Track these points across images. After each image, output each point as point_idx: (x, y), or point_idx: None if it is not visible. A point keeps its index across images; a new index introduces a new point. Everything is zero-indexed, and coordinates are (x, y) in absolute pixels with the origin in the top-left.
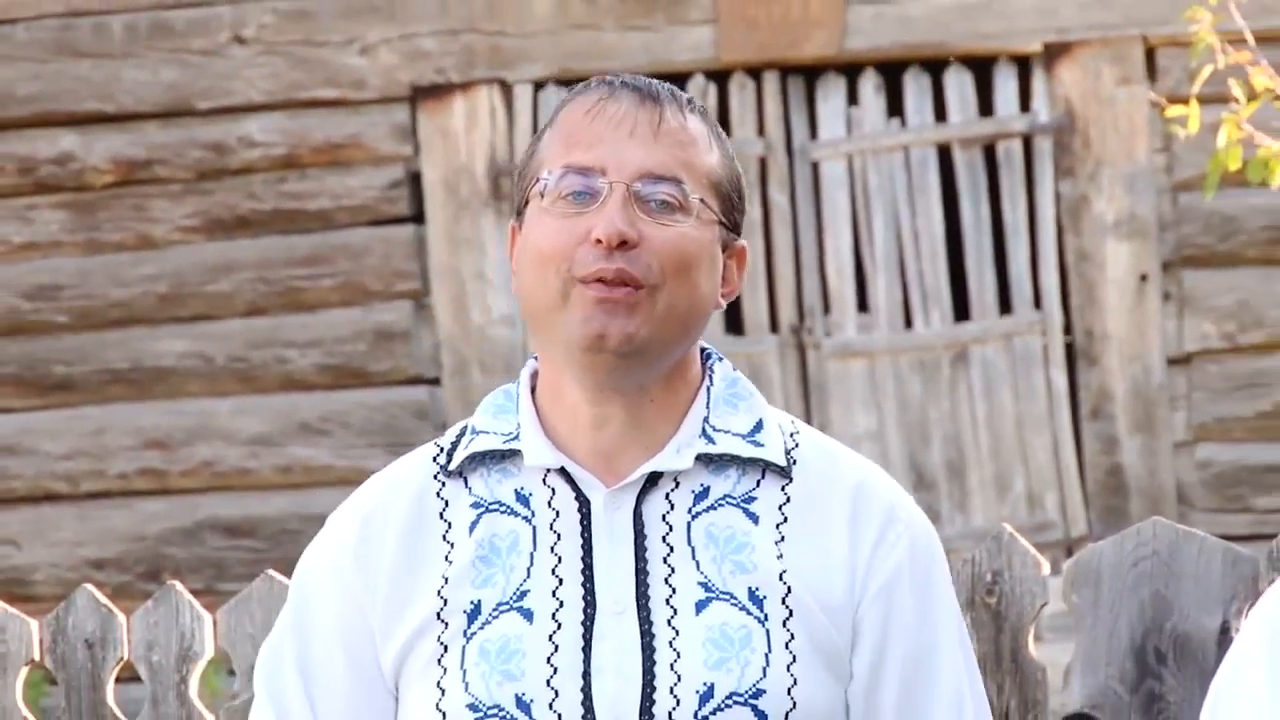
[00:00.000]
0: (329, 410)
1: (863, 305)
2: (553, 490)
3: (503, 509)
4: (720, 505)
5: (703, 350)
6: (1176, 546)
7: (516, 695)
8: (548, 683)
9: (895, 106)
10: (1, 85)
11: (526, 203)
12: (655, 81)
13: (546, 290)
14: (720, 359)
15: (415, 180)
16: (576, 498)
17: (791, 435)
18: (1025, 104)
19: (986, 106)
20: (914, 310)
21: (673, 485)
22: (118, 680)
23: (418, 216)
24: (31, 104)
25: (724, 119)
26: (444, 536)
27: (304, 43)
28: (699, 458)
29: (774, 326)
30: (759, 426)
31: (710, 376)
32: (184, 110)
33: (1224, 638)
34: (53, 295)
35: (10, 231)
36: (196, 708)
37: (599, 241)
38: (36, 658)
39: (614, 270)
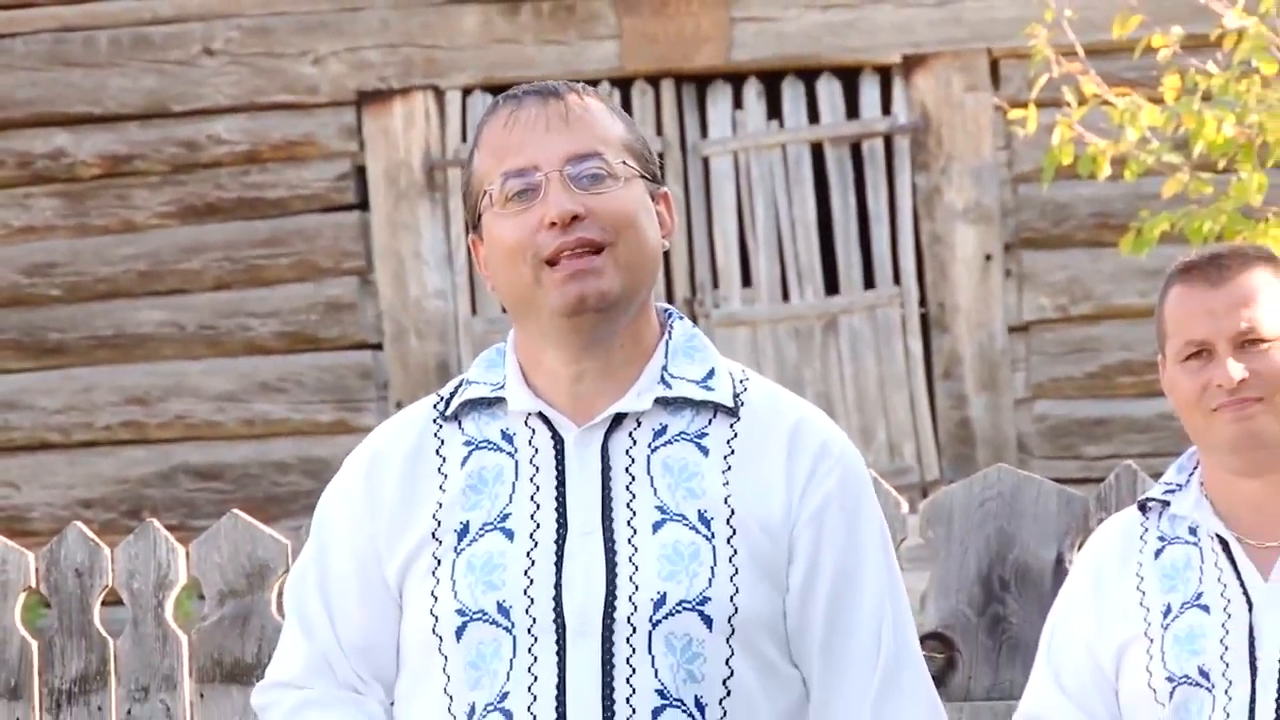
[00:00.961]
0: (286, 371)
1: (746, 281)
2: (533, 430)
3: (490, 446)
4: (676, 441)
5: (666, 311)
6: (1017, 489)
7: (498, 602)
8: (525, 591)
9: (774, 110)
10: (2, 91)
11: (480, 216)
12: (551, 82)
13: (520, 278)
14: (680, 318)
15: (360, 173)
16: (553, 437)
17: (741, 382)
18: (886, 108)
19: (853, 110)
20: (790, 285)
21: (635, 425)
22: (103, 604)
23: (362, 204)
24: (28, 107)
25: None
26: (439, 469)
27: (264, 54)
28: (658, 400)
29: (670, 298)
30: (711, 374)
31: (670, 332)
32: (161, 112)
33: (1059, 568)
34: (47, 272)
35: (10, 217)
36: (171, 628)
37: (553, 224)
38: (33, 585)
39: (574, 240)
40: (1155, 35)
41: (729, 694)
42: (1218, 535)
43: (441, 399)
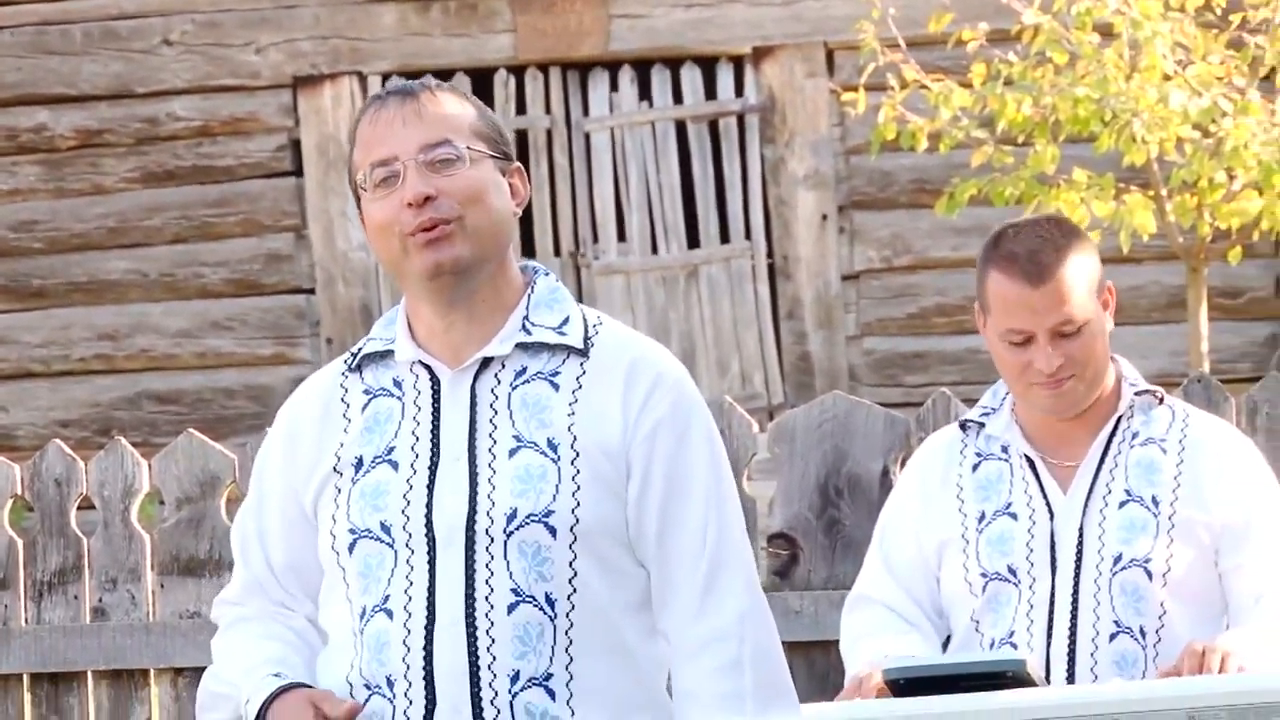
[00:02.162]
0: (233, 312)
1: (622, 236)
2: (416, 376)
3: (384, 393)
4: (532, 380)
5: (533, 269)
6: (849, 412)
7: (381, 522)
8: (402, 511)
9: (645, 93)
10: None
11: (359, 198)
12: (410, 81)
13: (391, 250)
14: (546, 274)
15: (296, 145)
16: (431, 380)
17: (594, 326)
18: (739, 91)
19: (711, 93)
20: (659, 240)
21: (500, 367)
22: (78, 509)
23: (298, 171)
24: (15, 89)
25: (521, 102)
26: (344, 415)
27: (214, 44)
28: (519, 345)
29: (557, 251)
30: (566, 321)
31: (533, 287)
32: (126, 93)
33: (885, 479)
34: (30, 228)
35: None
36: (136, 529)
37: (410, 204)
38: (19, 492)
39: (428, 219)
40: (965, 30)
41: (574, 590)
42: (1026, 455)
43: (351, 355)
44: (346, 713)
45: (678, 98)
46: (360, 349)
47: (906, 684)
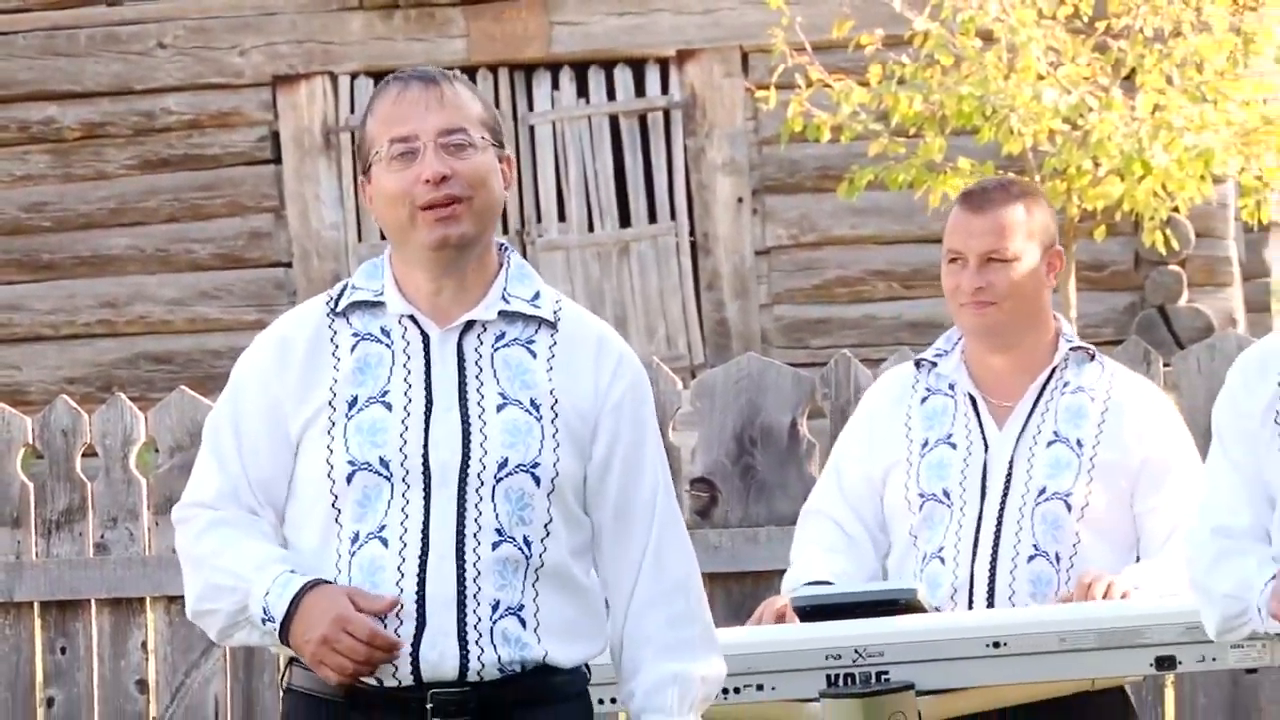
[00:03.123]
0: (220, 283)
1: (562, 217)
2: (405, 328)
3: (373, 339)
4: (511, 345)
5: (501, 245)
6: (762, 372)
7: (380, 457)
8: (400, 449)
9: (582, 90)
10: (8, 74)
11: (370, 166)
12: (431, 69)
13: (399, 217)
14: (512, 251)
15: (275, 137)
16: (421, 335)
17: (557, 302)
18: (665, 89)
19: (640, 91)
20: (594, 220)
21: (482, 329)
22: (83, 456)
23: (277, 159)
24: (26, 86)
25: None
26: (333, 354)
27: (203, 47)
28: (500, 313)
29: (505, 229)
30: (537, 295)
31: (508, 262)
32: (126, 90)
33: (793, 429)
34: (40, 209)
35: (12, 169)
36: (134, 474)
37: (428, 181)
38: (30, 441)
39: (444, 196)
40: (863, 35)
41: (547, 534)
42: (969, 393)
43: (331, 298)
44: (386, 605)
45: (611, 95)
46: (341, 294)
47: (812, 610)
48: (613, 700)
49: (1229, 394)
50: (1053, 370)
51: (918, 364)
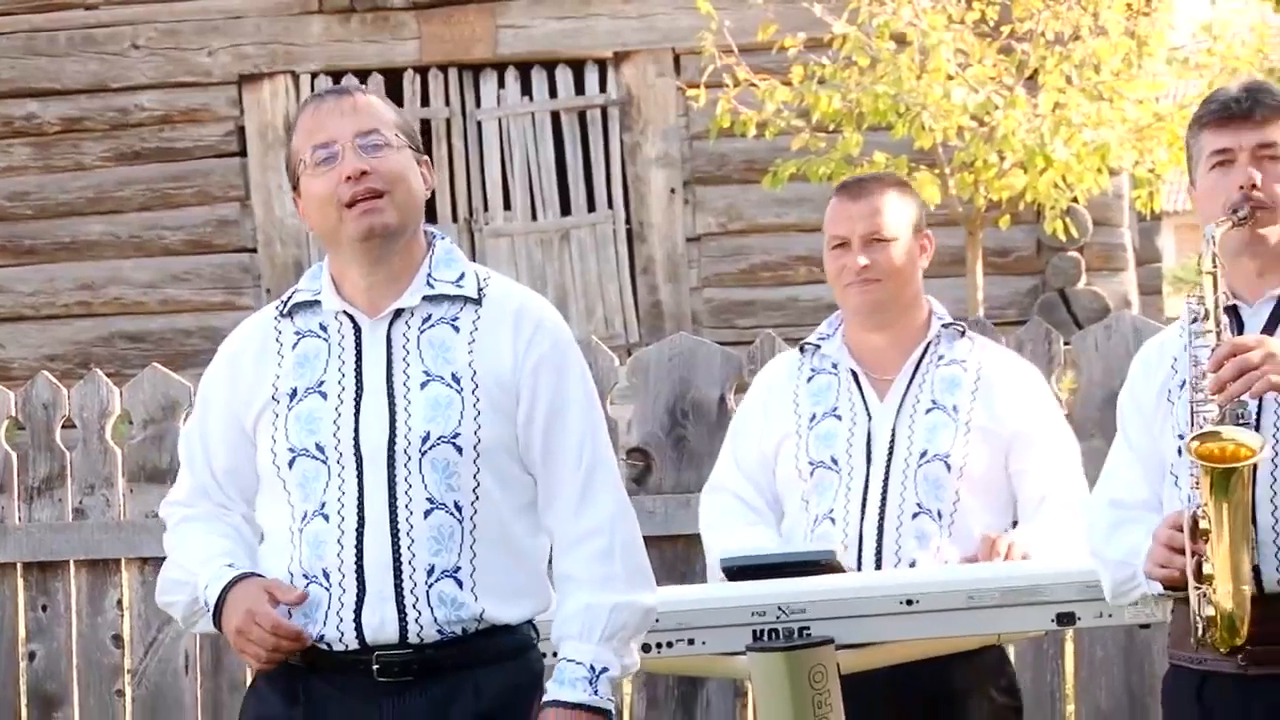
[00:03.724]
0: (190, 267)
1: (507, 206)
2: (340, 323)
3: (312, 334)
4: (437, 325)
5: (432, 234)
6: (693, 350)
7: (316, 443)
8: (334, 434)
9: (526, 89)
10: None
11: (298, 178)
12: (344, 84)
13: (328, 219)
14: (442, 238)
15: (241, 131)
16: (354, 327)
17: (485, 280)
18: (603, 88)
19: (580, 89)
20: (537, 209)
21: (410, 315)
22: (62, 428)
23: (242, 152)
24: (9, 84)
25: (425, 96)
26: (278, 352)
27: (174, 48)
28: (425, 297)
29: (454, 218)
30: (462, 276)
31: (434, 249)
32: (102, 88)
33: (721, 403)
34: (22, 198)
35: None
36: (110, 444)
37: (349, 178)
38: (13, 414)
39: (364, 189)
40: (786, 38)
41: (477, 498)
42: (851, 369)
43: (282, 303)
44: (296, 598)
45: (553, 93)
46: (290, 299)
47: (739, 570)
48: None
49: (1130, 382)
50: (927, 345)
51: (802, 348)
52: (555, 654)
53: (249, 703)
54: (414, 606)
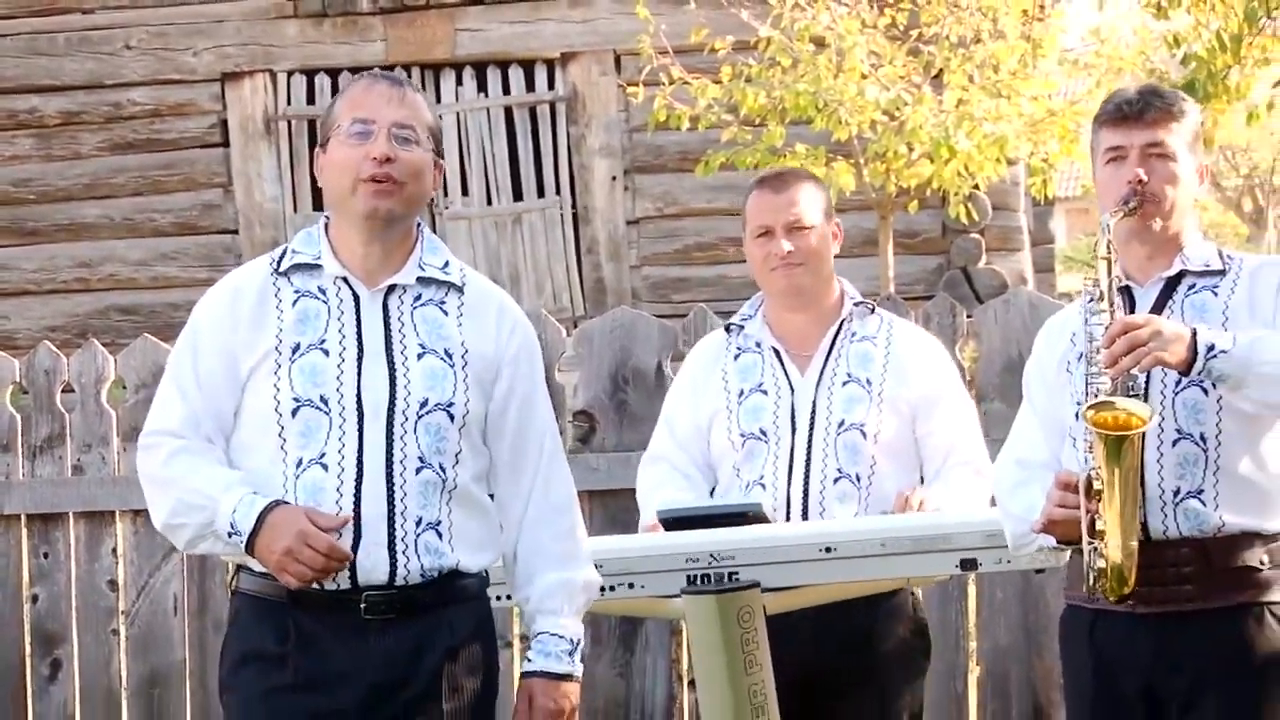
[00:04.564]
0: (178, 247)
1: (465, 191)
2: (339, 288)
3: (311, 295)
4: (427, 304)
5: (418, 224)
6: (633, 322)
7: (320, 395)
8: (338, 389)
9: (482, 86)
10: None
11: (328, 139)
12: (398, 74)
13: (343, 185)
14: (425, 227)
15: (224, 124)
16: (353, 294)
17: (462, 270)
18: (551, 85)
19: (530, 86)
20: (492, 195)
21: (403, 291)
22: (62, 392)
23: (225, 143)
24: (13, 81)
25: None
26: (277, 307)
27: (163, 49)
28: (417, 278)
29: None
30: (447, 264)
31: (422, 237)
32: (98, 85)
33: (659, 371)
34: (25, 185)
35: (1, 150)
36: (105, 407)
37: (375, 159)
38: (18, 380)
39: (384, 173)
40: (716, 41)
41: (458, 462)
42: (774, 347)
43: (274, 260)
44: (340, 522)
45: (506, 90)
46: (282, 257)
47: (674, 521)
48: (507, 597)
49: (1035, 354)
50: (841, 323)
51: (727, 329)
52: (525, 618)
53: (231, 637)
54: (403, 553)
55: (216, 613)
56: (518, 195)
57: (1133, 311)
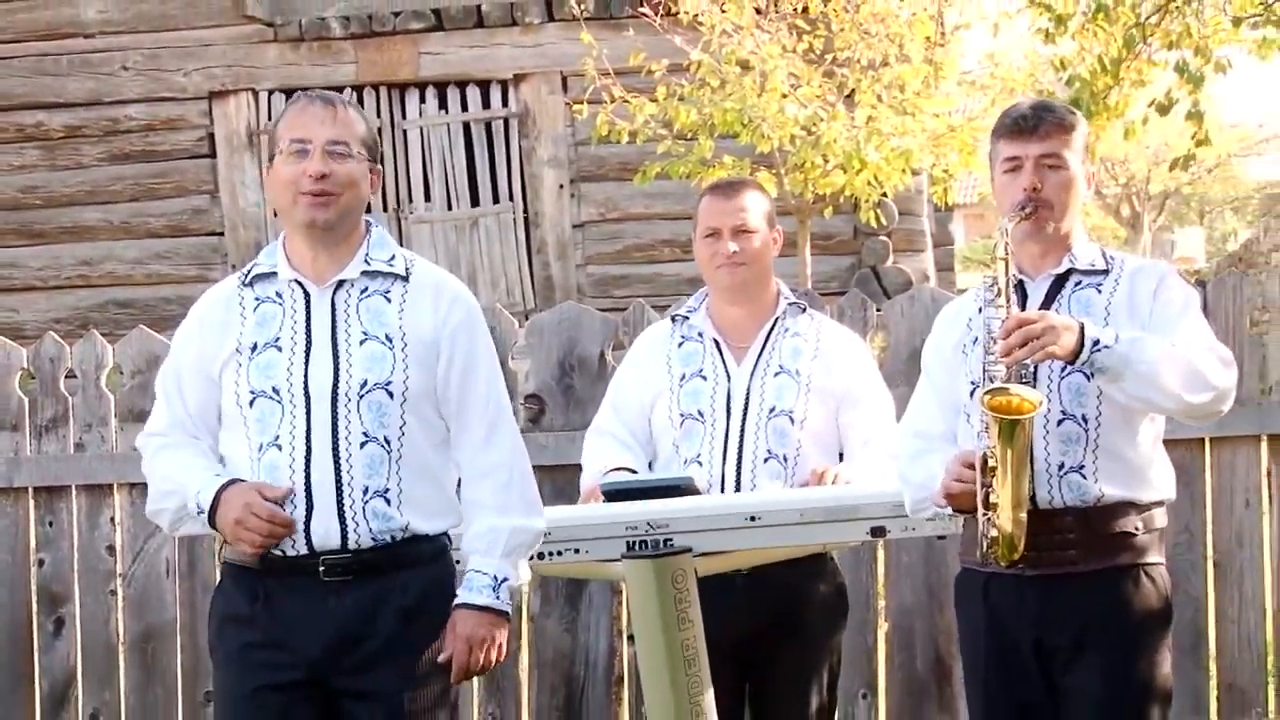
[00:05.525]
0: (170, 247)
1: (427, 198)
2: (292, 290)
3: (269, 300)
4: (373, 295)
5: (369, 222)
6: (578, 315)
7: (272, 386)
8: (287, 379)
9: (443, 104)
10: (7, 88)
11: (273, 157)
12: (332, 94)
13: (285, 199)
14: (377, 225)
15: (211, 137)
16: (304, 293)
17: (410, 261)
18: (505, 103)
19: (487, 104)
20: (452, 201)
21: (350, 286)
22: (66, 378)
23: (213, 154)
24: (22, 98)
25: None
26: (241, 315)
27: (157, 69)
28: (363, 272)
29: (385, 208)
30: (393, 257)
31: (370, 234)
32: (98, 102)
33: (601, 358)
34: (32, 191)
35: (11, 160)
36: (105, 391)
37: (311, 175)
38: (25, 366)
39: (319, 189)
40: (653, 64)
41: (403, 435)
42: (714, 338)
43: (244, 274)
44: (283, 493)
45: (464, 108)
46: (250, 271)
47: (615, 493)
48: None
49: (933, 336)
50: (776, 319)
51: (674, 319)
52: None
53: (217, 601)
54: (352, 519)
55: (204, 575)
56: (475, 202)
57: (1025, 303)
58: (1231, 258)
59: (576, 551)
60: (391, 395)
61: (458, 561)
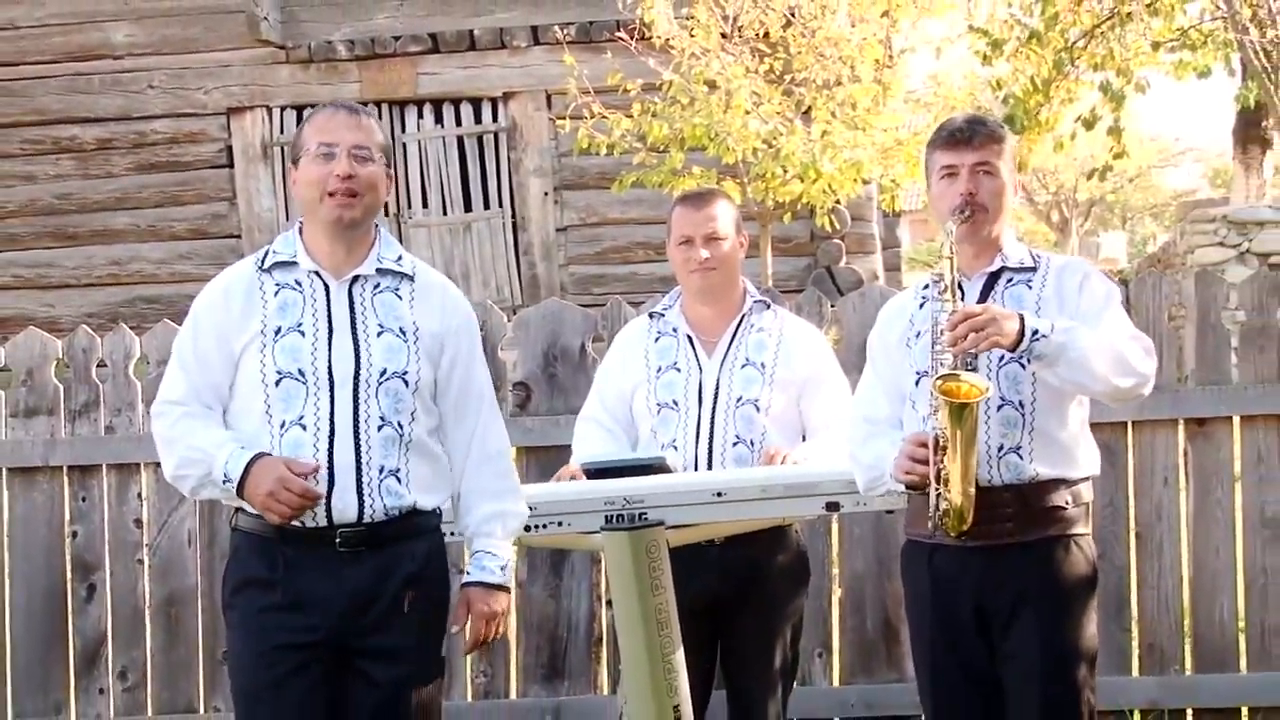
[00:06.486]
0: (192, 249)
1: (425, 204)
2: (312, 281)
3: (290, 287)
4: (385, 291)
5: (375, 224)
6: (561, 310)
7: (298, 368)
8: (312, 363)
9: (439, 119)
10: (44, 105)
11: (299, 158)
12: (355, 104)
13: (312, 197)
14: (382, 226)
15: (229, 150)
16: (324, 284)
17: (413, 263)
18: (495, 118)
19: (478, 119)
20: (447, 206)
21: (365, 281)
22: (98, 367)
23: (231, 165)
24: (57, 113)
25: None
26: (262, 298)
27: (180, 87)
28: (377, 269)
29: (386, 213)
30: (400, 257)
31: (379, 235)
32: (126, 117)
33: (583, 352)
34: (67, 198)
35: (48, 169)
36: (132, 379)
37: (339, 175)
38: (60, 357)
39: (346, 188)
40: (629, 83)
41: (413, 420)
42: (687, 334)
43: (259, 259)
44: (313, 468)
45: (458, 122)
46: (265, 256)
47: (595, 471)
48: (457, 534)
49: (878, 328)
50: (743, 316)
51: (651, 315)
52: (465, 541)
53: (232, 567)
54: (369, 495)
55: (224, 546)
56: (468, 207)
57: (963, 299)
58: (1151, 259)
59: (560, 524)
60: (406, 384)
61: (451, 534)
